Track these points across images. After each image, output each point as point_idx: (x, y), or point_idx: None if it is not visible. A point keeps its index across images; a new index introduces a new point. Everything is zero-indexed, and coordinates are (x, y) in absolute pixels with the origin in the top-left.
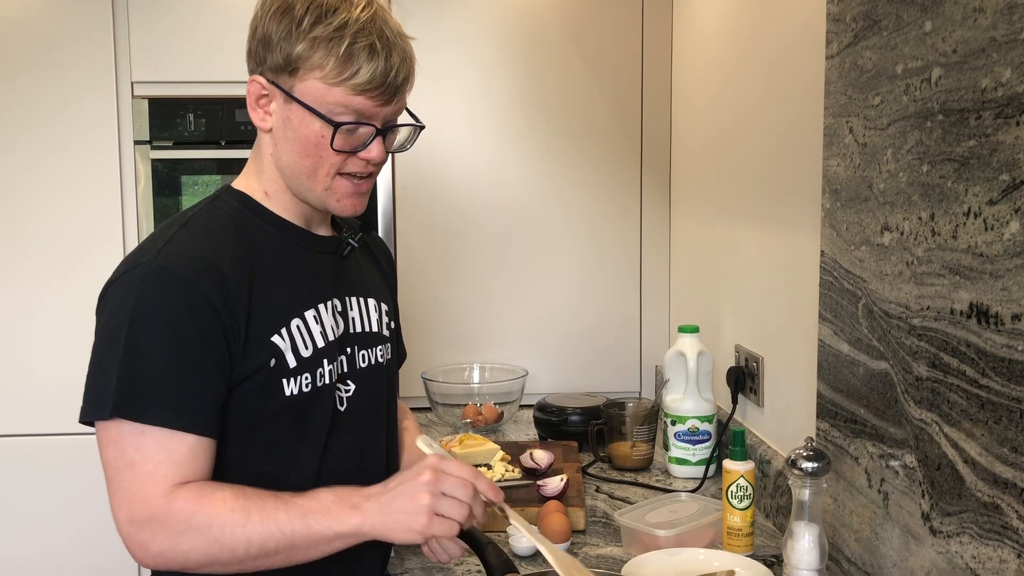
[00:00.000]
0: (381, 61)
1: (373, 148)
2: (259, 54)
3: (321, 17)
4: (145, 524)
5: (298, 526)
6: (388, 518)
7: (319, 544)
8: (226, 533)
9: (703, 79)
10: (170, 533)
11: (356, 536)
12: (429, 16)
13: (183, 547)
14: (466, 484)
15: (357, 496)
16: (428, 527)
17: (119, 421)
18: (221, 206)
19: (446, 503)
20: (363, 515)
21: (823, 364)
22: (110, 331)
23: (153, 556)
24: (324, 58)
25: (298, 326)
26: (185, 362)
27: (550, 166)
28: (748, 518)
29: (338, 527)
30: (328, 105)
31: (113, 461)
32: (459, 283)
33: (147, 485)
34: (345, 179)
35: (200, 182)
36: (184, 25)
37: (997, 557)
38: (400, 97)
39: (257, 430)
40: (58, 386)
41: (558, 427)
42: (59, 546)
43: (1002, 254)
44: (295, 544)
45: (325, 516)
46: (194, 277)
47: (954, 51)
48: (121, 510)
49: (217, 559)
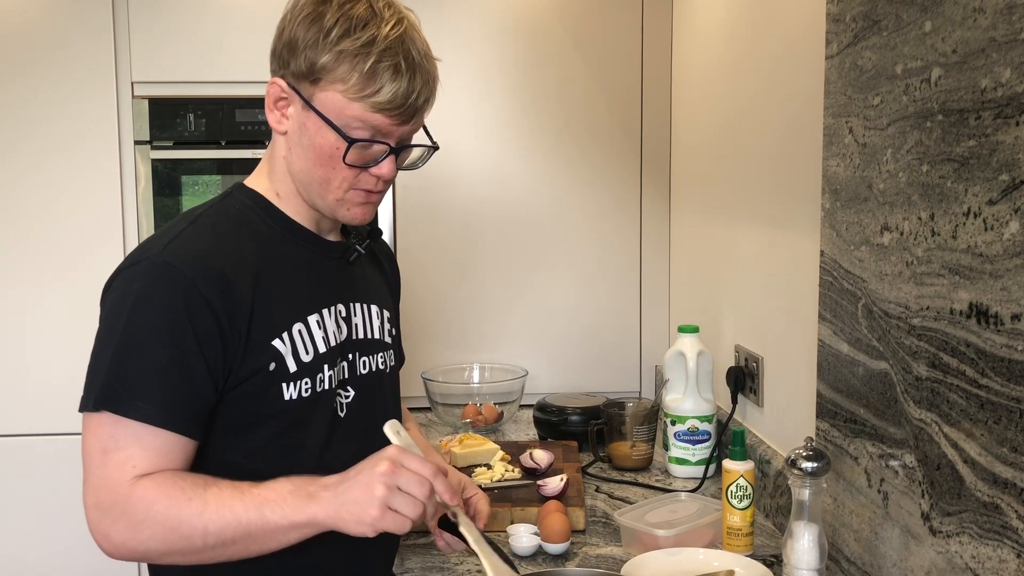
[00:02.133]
0: (404, 82)
1: (384, 166)
2: (283, 57)
3: (350, 31)
4: (108, 511)
5: (253, 515)
6: (342, 508)
7: (276, 534)
8: (183, 522)
9: (703, 79)
10: (130, 522)
11: (312, 526)
12: (430, 17)
13: (142, 536)
14: (423, 482)
15: (315, 486)
16: (379, 520)
17: (103, 412)
18: (233, 204)
19: (400, 498)
20: (318, 504)
21: (823, 364)
22: (108, 323)
23: (115, 544)
24: (348, 72)
25: (300, 330)
26: (176, 360)
27: (550, 166)
28: (748, 518)
29: (293, 516)
30: (346, 119)
31: (91, 449)
32: (459, 283)
33: (115, 473)
34: (356, 191)
35: (200, 182)
36: (184, 25)
37: (997, 557)
38: (418, 118)
39: (255, 433)
40: (58, 386)
41: (558, 427)
42: (59, 546)
43: (1002, 254)
44: (251, 534)
45: (281, 505)
46: (195, 276)
47: (954, 51)
48: (89, 496)
49: (175, 548)
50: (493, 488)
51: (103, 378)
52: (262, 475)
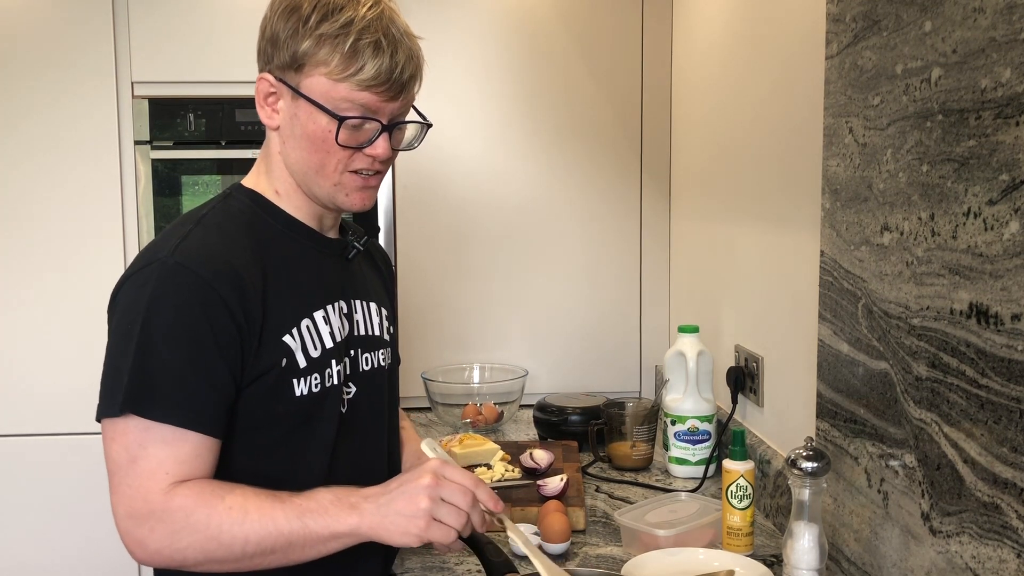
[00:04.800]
0: (386, 57)
1: (379, 144)
2: (267, 52)
3: (327, 15)
4: (143, 520)
5: (295, 525)
6: (386, 519)
7: (316, 544)
8: (223, 531)
9: (703, 79)
10: (168, 530)
11: (353, 536)
12: (430, 17)
13: (180, 544)
14: (466, 492)
15: (356, 496)
16: (425, 531)
17: (128, 417)
18: (234, 204)
19: (445, 509)
20: (361, 515)
21: (823, 364)
22: (123, 328)
23: (150, 553)
24: (329, 54)
25: (308, 326)
26: (197, 361)
27: (550, 166)
28: (748, 518)
29: (335, 527)
30: (334, 101)
31: (117, 456)
32: (459, 283)
33: (148, 481)
34: (353, 175)
35: (200, 182)
36: (184, 25)
37: (997, 557)
38: (406, 94)
39: (266, 431)
40: (58, 386)
41: (558, 427)
42: (60, 545)
43: (1002, 254)
44: (292, 543)
45: (323, 516)
46: (210, 276)
47: (954, 51)
48: (121, 505)
49: (214, 557)
50: (493, 488)
51: (125, 383)
52: (272, 474)
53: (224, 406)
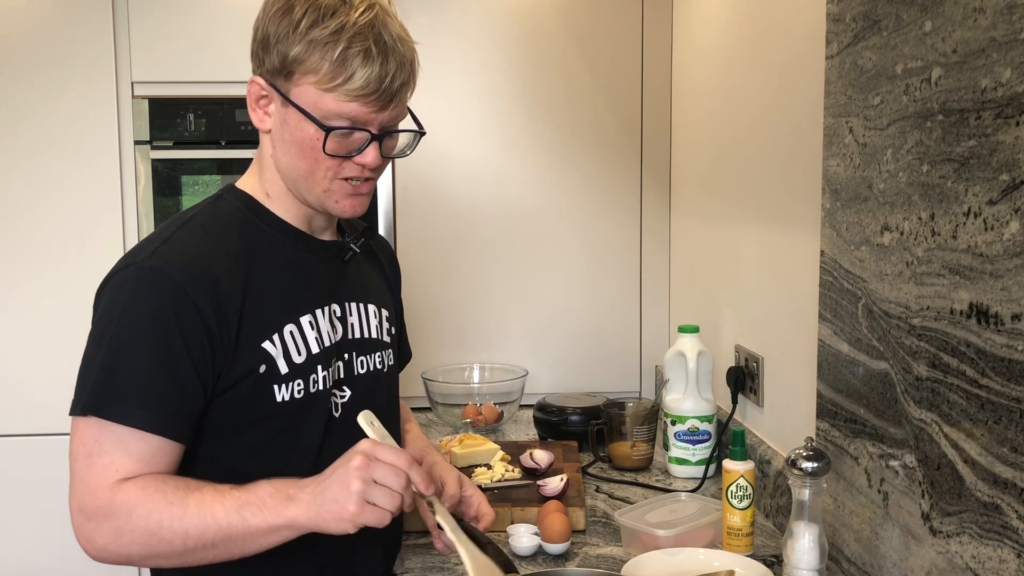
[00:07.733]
0: (376, 67)
1: (368, 153)
2: (259, 55)
3: (319, 20)
4: (91, 516)
5: (234, 519)
6: (321, 508)
7: (256, 537)
8: (163, 526)
9: (703, 79)
10: (112, 526)
11: (292, 528)
12: (429, 17)
13: (124, 540)
14: (399, 473)
15: (294, 488)
16: (358, 515)
17: (89, 416)
18: (223, 206)
19: (378, 491)
20: (298, 506)
21: (823, 364)
22: (99, 329)
23: (98, 548)
24: (319, 62)
25: (292, 332)
26: (165, 364)
27: (551, 166)
28: (748, 518)
29: (273, 520)
30: (322, 111)
31: (76, 452)
32: (459, 283)
33: (99, 477)
34: (343, 182)
35: (200, 182)
36: (185, 25)
37: (997, 557)
38: (398, 102)
39: (248, 434)
40: (58, 386)
41: (558, 427)
42: (60, 545)
43: (1002, 254)
44: (232, 537)
45: (261, 508)
46: (184, 280)
47: (954, 51)
48: (73, 499)
49: (156, 552)
50: (493, 488)
51: (91, 383)
52: (256, 477)
53: (190, 411)
